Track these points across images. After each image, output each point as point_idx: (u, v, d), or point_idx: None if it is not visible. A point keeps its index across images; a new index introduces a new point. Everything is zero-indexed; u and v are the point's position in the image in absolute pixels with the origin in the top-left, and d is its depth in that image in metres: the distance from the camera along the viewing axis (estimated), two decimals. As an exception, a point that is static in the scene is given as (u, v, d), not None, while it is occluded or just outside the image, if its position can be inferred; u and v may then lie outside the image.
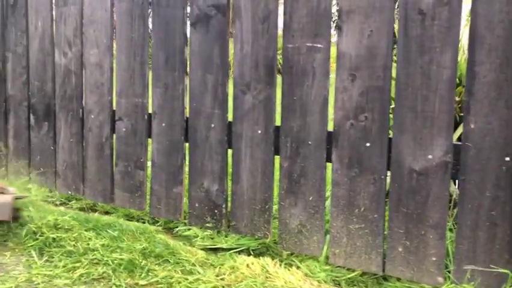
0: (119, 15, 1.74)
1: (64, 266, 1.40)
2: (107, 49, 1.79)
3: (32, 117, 2.05)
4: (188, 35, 1.60)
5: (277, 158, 1.48)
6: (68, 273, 1.36)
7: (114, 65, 1.81)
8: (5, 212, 1.59)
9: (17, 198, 1.67)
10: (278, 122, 1.47)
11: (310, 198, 1.40)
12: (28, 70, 2.04)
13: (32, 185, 2.08)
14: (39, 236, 1.57)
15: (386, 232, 1.31)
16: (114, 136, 1.83)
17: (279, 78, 1.45)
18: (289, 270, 1.36)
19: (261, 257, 1.44)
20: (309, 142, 1.38)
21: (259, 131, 1.47)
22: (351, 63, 1.29)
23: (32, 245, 1.54)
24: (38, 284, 1.30)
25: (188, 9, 1.58)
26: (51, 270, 1.37)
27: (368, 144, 1.29)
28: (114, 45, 1.81)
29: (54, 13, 1.94)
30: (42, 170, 2.04)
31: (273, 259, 1.43)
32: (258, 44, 1.45)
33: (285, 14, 1.38)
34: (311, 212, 1.41)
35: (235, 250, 1.53)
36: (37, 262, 1.44)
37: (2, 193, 1.68)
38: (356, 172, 1.31)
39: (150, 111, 1.72)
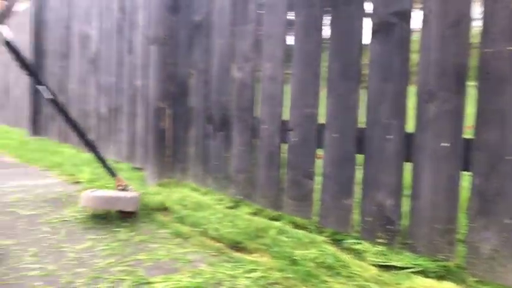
0: (295, 29, 1.80)
1: (241, 267, 1.48)
2: (280, 62, 1.87)
3: (209, 127, 2.25)
4: (365, 44, 1.58)
5: (463, 174, 1.35)
6: (248, 273, 1.43)
7: (286, 77, 1.88)
8: (135, 204, 1.96)
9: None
10: (467, 134, 1.34)
11: (507, 221, 1.24)
12: (208, 85, 2.25)
13: (208, 189, 2.27)
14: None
15: None
16: (284, 145, 1.89)
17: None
18: (479, 299, 1.21)
19: (441, 281, 1.32)
20: (509, 158, 1.22)
21: (445, 144, 1.36)
22: None
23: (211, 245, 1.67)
24: (224, 281, 1.39)
25: (368, 18, 1.56)
26: (232, 270, 1.46)
27: None
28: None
29: (233, 31, 2.11)
30: (216, 176, 2.22)
31: (456, 284, 1.30)
32: (447, 50, 1.35)
33: (484, 16, 1.26)
34: (507, 237, 1.24)
35: (410, 270, 1.43)
36: (214, 260, 1.54)
37: (125, 190, 2.04)
38: None
39: (321, 121, 1.74)
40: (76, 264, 1.46)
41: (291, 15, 1.84)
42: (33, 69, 1.78)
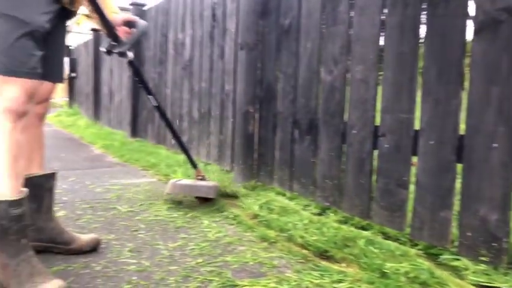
0: (389, 29, 1.72)
1: (328, 276, 1.44)
2: (372, 65, 1.80)
3: (296, 131, 2.24)
4: (467, 44, 1.45)
5: None
6: (335, 284, 1.38)
7: (377, 80, 1.80)
8: (215, 191, 2.25)
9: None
10: None
11: None
12: (295, 89, 2.24)
13: (294, 194, 2.26)
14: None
15: None
16: (375, 152, 1.81)
17: None
18: None
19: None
20: None
21: None
22: None
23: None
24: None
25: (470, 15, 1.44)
26: (318, 278, 1.43)
27: None
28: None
29: (322, 33, 2.07)
30: (301, 181, 2.20)
31: None
32: None
33: None
34: None
35: (518, 294, 1.29)
36: (300, 267, 1.52)
37: (203, 180, 2.36)
38: None
39: (416, 127, 1.63)
40: (169, 262, 1.53)
41: (382, 15, 1.76)
42: (145, 81, 2.02)
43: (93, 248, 1.61)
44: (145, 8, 4.52)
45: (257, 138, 2.55)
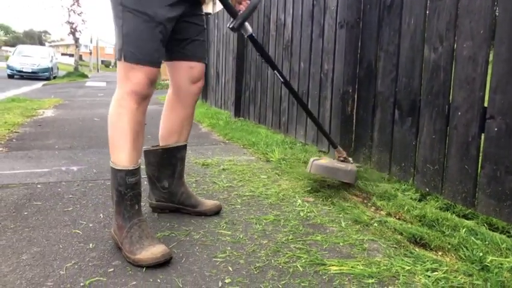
0: (504, 1, 1.54)
1: (421, 264, 1.38)
2: (483, 41, 1.64)
3: (396, 112, 2.14)
4: None
5: None
6: (428, 272, 1.33)
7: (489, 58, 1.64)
8: (353, 177, 2.07)
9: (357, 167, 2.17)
10: None
11: None
12: (397, 68, 2.13)
13: (391, 177, 2.18)
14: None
15: None
16: (482, 136, 1.67)
17: None
18: None
19: None
20: None
21: None
22: None
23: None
24: (400, 275, 1.33)
25: None
26: (410, 265, 1.38)
27: None
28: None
29: (427, 8, 1.94)
30: (401, 164, 2.11)
31: None
32: None
33: None
34: None
35: None
36: (391, 252, 1.48)
37: (345, 161, 2.17)
38: None
39: (533, 109, 1.46)
40: (261, 235, 1.61)
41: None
42: (268, 57, 1.94)
43: (216, 213, 1.80)
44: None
45: (355, 119, 2.50)
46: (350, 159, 2.24)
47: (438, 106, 1.86)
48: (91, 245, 1.49)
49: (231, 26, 1.69)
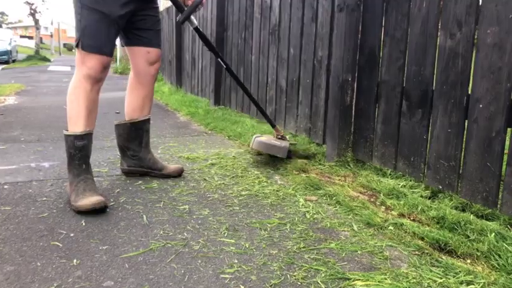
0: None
1: (453, 276, 1.24)
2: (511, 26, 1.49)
3: (404, 103, 1.99)
4: None
5: None
6: (463, 285, 1.18)
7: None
8: (285, 153, 2.37)
9: (290, 144, 2.52)
10: None
11: None
12: (405, 55, 1.97)
13: (396, 173, 2.04)
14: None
15: None
16: (508, 130, 1.53)
17: None
18: None
19: None
20: None
21: None
22: None
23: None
24: None
25: None
26: (441, 277, 1.23)
27: None
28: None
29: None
30: (409, 159, 1.97)
31: None
32: None
33: None
34: None
35: None
36: (416, 261, 1.33)
37: (283, 139, 2.50)
38: None
39: None
40: (269, 244, 1.42)
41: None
42: (212, 46, 2.22)
43: (178, 174, 2.12)
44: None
45: (354, 110, 2.33)
46: (287, 137, 2.56)
47: (455, 97, 1.72)
48: (75, 261, 1.27)
49: (177, 20, 2.02)
